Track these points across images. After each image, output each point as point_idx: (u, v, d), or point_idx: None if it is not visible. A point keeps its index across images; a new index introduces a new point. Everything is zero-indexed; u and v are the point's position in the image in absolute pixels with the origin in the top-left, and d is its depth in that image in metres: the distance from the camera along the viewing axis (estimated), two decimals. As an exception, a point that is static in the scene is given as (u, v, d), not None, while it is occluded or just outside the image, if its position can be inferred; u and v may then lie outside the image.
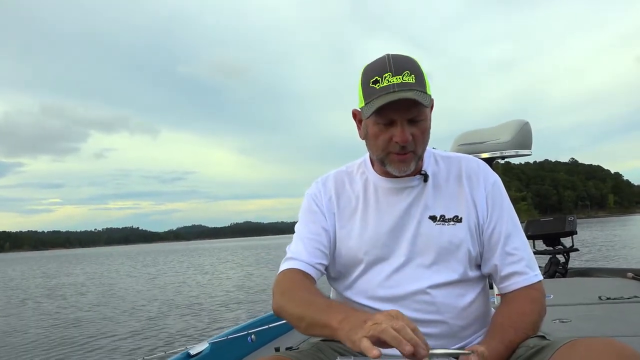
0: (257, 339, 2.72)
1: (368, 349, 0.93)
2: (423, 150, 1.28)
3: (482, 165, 1.37)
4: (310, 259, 1.31)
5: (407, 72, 1.19)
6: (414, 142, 1.23)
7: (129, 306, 12.21)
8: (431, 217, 1.29)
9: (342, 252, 1.33)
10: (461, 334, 1.27)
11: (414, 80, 1.19)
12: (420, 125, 1.23)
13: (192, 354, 2.37)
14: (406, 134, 1.21)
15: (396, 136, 1.21)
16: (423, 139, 1.25)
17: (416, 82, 1.19)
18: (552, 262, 5.06)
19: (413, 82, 1.19)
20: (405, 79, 1.19)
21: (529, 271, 1.27)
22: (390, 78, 1.19)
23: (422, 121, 1.23)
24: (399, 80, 1.19)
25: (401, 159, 1.24)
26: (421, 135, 1.24)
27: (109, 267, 34.51)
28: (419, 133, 1.23)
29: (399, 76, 1.19)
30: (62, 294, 16.94)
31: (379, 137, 1.25)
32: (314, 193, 1.42)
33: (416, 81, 1.19)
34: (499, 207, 1.31)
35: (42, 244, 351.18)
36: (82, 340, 8.12)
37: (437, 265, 1.26)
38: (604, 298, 3.10)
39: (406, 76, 1.19)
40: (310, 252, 1.32)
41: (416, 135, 1.23)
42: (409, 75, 1.19)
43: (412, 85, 1.18)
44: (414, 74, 1.20)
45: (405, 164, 1.25)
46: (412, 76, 1.19)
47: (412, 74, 1.20)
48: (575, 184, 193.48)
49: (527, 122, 3.25)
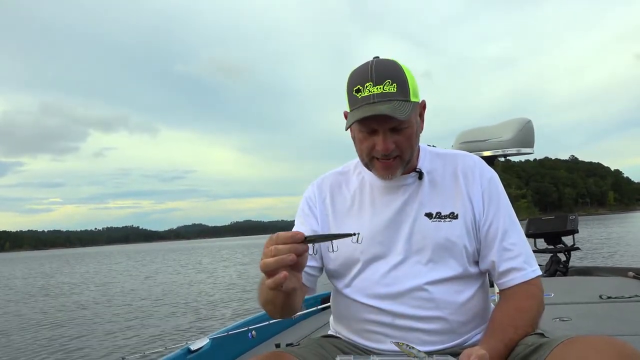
0: (257, 335, 2.73)
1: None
2: (410, 154, 1.28)
3: (478, 161, 1.37)
4: None
5: (389, 82, 1.20)
6: (399, 149, 1.24)
7: (130, 303, 12.24)
8: (427, 214, 1.30)
9: (340, 252, 1.34)
10: (460, 330, 1.27)
11: (395, 89, 1.19)
12: (404, 132, 1.23)
13: (192, 349, 2.38)
14: (387, 144, 1.22)
15: (378, 145, 1.22)
16: (409, 144, 1.25)
17: (397, 91, 1.19)
18: (553, 261, 5.06)
19: (394, 92, 1.19)
20: (385, 89, 1.19)
21: (526, 267, 1.27)
22: (371, 88, 1.19)
23: (406, 129, 1.23)
24: (379, 90, 1.19)
25: (385, 165, 1.26)
26: (406, 142, 1.24)
27: (108, 266, 34.55)
28: (403, 140, 1.24)
29: (380, 85, 1.19)
30: (62, 292, 16.96)
31: (362, 144, 1.26)
32: (309, 196, 1.44)
33: (397, 90, 1.19)
34: (496, 203, 1.31)
35: (42, 243, 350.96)
36: (82, 337, 8.13)
37: (434, 262, 1.27)
38: (604, 297, 3.10)
39: (387, 85, 1.19)
40: None
41: (400, 142, 1.23)
42: (390, 84, 1.19)
43: (393, 95, 1.19)
44: (396, 82, 1.20)
45: (390, 171, 1.26)
46: (394, 85, 1.19)
47: (393, 83, 1.20)
48: (575, 181, 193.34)
49: (530, 120, 3.24)
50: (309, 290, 1.39)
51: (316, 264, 1.37)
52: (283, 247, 1.02)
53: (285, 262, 1.00)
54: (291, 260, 1.00)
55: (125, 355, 2.70)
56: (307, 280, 1.36)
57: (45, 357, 7.06)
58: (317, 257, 1.37)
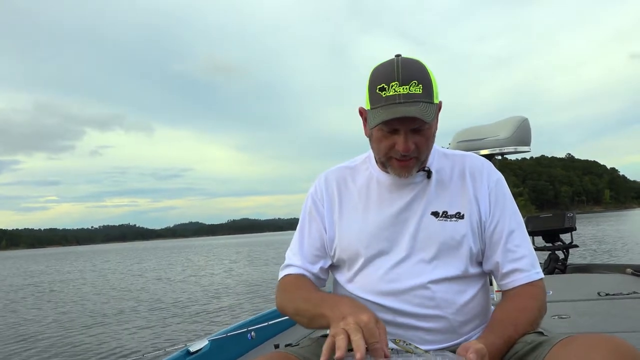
0: (256, 336, 2.73)
1: (325, 349, 1.02)
2: (427, 155, 1.28)
3: (486, 163, 1.37)
4: (307, 265, 1.36)
5: (415, 82, 1.16)
6: (418, 149, 1.23)
7: (128, 303, 12.19)
8: (433, 212, 1.29)
9: (344, 246, 1.34)
10: (461, 330, 1.27)
11: (420, 90, 1.17)
12: (425, 133, 1.22)
13: (191, 351, 2.36)
14: (409, 144, 1.20)
15: (399, 145, 1.21)
16: (427, 145, 1.25)
17: (423, 93, 1.17)
18: (552, 259, 5.06)
19: (420, 93, 1.16)
20: (412, 90, 1.16)
21: (530, 268, 1.27)
22: (397, 87, 1.16)
23: (427, 129, 1.22)
24: (405, 90, 1.16)
25: (402, 165, 1.25)
26: (425, 143, 1.24)
27: (107, 265, 34.42)
28: (422, 140, 1.23)
29: (406, 86, 1.16)
30: (61, 290, 16.90)
31: (381, 142, 1.24)
32: (314, 191, 1.43)
33: (423, 91, 1.17)
34: (502, 205, 1.31)
35: (38, 241, 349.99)
36: (81, 338, 8.10)
37: (437, 261, 1.26)
38: (603, 294, 3.10)
39: (413, 86, 1.16)
40: (308, 259, 1.37)
41: (420, 143, 1.22)
42: (417, 85, 1.16)
43: (419, 96, 1.16)
44: (422, 83, 1.17)
45: (407, 170, 1.26)
46: (420, 86, 1.17)
47: (419, 84, 1.17)
48: (571, 179, 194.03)
49: (526, 118, 3.25)
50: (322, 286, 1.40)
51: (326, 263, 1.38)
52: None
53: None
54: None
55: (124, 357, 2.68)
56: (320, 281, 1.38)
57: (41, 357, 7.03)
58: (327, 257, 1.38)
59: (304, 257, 1.37)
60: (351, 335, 1.01)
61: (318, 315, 1.16)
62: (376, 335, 1.02)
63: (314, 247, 1.37)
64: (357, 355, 0.97)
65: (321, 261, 1.37)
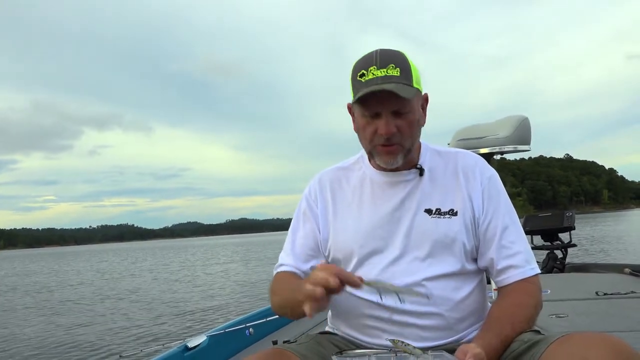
0: (254, 332, 2.74)
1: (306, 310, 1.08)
2: (411, 143, 1.29)
3: (478, 160, 1.37)
4: (299, 264, 1.37)
5: (392, 65, 1.22)
6: (400, 134, 1.25)
7: (126, 301, 12.20)
8: (426, 210, 1.30)
9: (338, 246, 1.34)
10: (457, 327, 1.27)
11: (398, 73, 1.21)
12: (406, 117, 1.24)
13: (189, 346, 2.37)
14: (389, 126, 1.23)
15: (380, 128, 1.23)
16: (410, 131, 1.26)
17: (401, 76, 1.21)
18: (550, 258, 5.06)
19: (397, 75, 1.21)
20: (389, 72, 1.21)
21: (525, 264, 1.27)
22: (375, 71, 1.22)
23: (408, 113, 1.24)
24: (383, 73, 1.21)
25: (387, 150, 1.26)
26: (407, 128, 1.25)
27: (104, 264, 34.42)
28: (404, 125, 1.24)
29: (384, 69, 1.21)
30: (58, 289, 16.90)
31: (366, 130, 1.27)
32: (309, 193, 1.44)
33: (401, 74, 1.21)
34: (495, 201, 1.31)
35: (36, 241, 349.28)
36: (78, 335, 8.10)
37: (432, 258, 1.27)
38: (601, 293, 3.11)
39: (391, 69, 1.21)
40: (300, 258, 1.37)
41: (402, 127, 1.24)
42: (394, 68, 1.21)
43: (396, 78, 1.21)
44: (400, 67, 1.22)
45: (392, 156, 1.27)
46: (397, 69, 1.22)
47: (397, 67, 1.22)
48: (570, 179, 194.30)
49: (527, 117, 3.25)
50: None
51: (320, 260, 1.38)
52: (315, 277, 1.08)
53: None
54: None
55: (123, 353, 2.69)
56: None
57: (40, 355, 7.03)
58: (320, 255, 1.38)
59: (295, 256, 1.38)
60: (314, 276, 1.08)
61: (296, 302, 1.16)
62: (334, 267, 1.10)
63: (307, 246, 1.38)
64: (331, 280, 1.06)
65: (313, 260, 1.37)
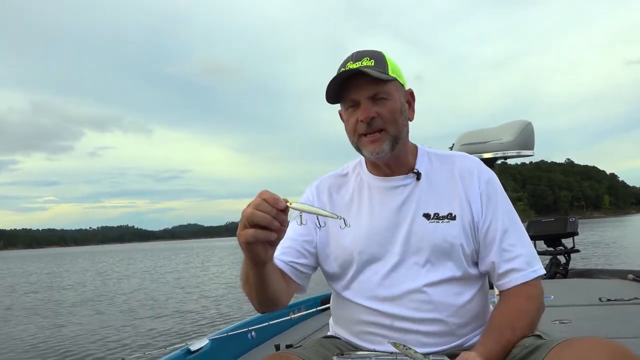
0: (257, 335, 2.74)
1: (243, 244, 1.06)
2: (397, 131, 1.29)
3: (476, 162, 1.37)
4: (281, 256, 1.34)
5: (367, 58, 1.27)
6: (382, 120, 1.26)
7: (130, 303, 12.19)
8: (425, 215, 1.29)
9: (337, 253, 1.34)
10: (459, 332, 1.27)
11: (372, 64, 1.26)
12: (386, 104, 1.26)
13: (192, 350, 2.37)
14: (368, 111, 1.25)
15: (360, 114, 1.26)
16: (392, 117, 1.27)
17: (374, 65, 1.25)
18: (553, 263, 5.06)
19: (371, 65, 1.25)
20: (363, 63, 1.26)
21: (526, 267, 1.26)
22: (350, 65, 1.27)
23: (387, 100, 1.26)
24: (357, 65, 1.26)
25: (371, 139, 1.27)
26: (388, 114, 1.26)
27: (104, 266, 34.40)
28: (385, 111, 1.26)
29: (359, 62, 1.26)
30: (60, 291, 16.89)
31: (349, 122, 1.30)
32: (307, 197, 1.44)
33: (375, 65, 1.25)
34: (494, 204, 1.31)
35: (36, 242, 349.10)
36: (81, 338, 8.08)
37: (431, 264, 1.26)
38: (604, 299, 3.10)
39: (365, 61, 1.26)
40: (284, 251, 1.35)
41: (382, 113, 1.26)
42: (369, 60, 1.27)
43: (370, 67, 1.24)
44: (374, 59, 1.27)
45: (376, 144, 1.27)
46: (372, 61, 1.26)
47: (371, 59, 1.27)
48: (571, 184, 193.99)
49: (530, 122, 3.24)
50: (300, 288, 1.38)
51: (308, 262, 1.36)
52: (270, 210, 1.03)
53: (271, 224, 1.03)
54: (275, 226, 1.03)
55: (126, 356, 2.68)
56: (298, 277, 1.36)
57: (44, 357, 7.01)
58: (311, 255, 1.37)
59: (283, 249, 1.35)
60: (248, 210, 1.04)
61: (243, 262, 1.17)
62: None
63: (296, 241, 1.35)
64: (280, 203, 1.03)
65: (300, 256, 1.35)
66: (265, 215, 1.02)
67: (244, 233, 1.04)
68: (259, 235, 1.03)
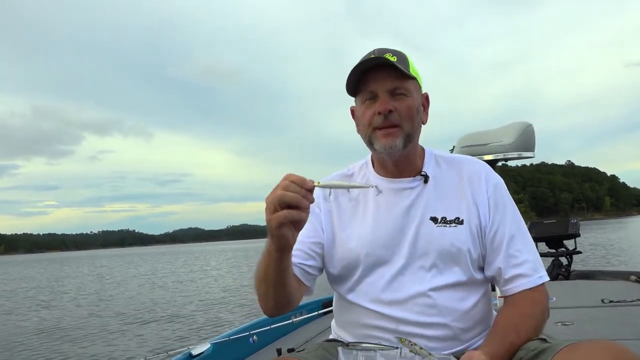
0: (258, 339, 2.73)
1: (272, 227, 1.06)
2: (411, 129, 1.28)
3: (484, 167, 1.36)
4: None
5: (390, 54, 1.25)
6: (398, 116, 1.25)
7: (131, 308, 12.18)
8: (432, 218, 1.28)
9: (343, 254, 1.33)
10: (463, 337, 1.26)
11: (395, 59, 1.24)
12: (405, 100, 1.26)
13: (194, 354, 2.37)
14: (387, 103, 1.24)
15: (377, 106, 1.25)
16: (408, 114, 1.26)
17: (398, 61, 1.24)
18: (555, 265, 5.05)
19: (395, 60, 1.24)
20: (386, 57, 1.24)
21: (532, 273, 1.26)
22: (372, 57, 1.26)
23: (406, 96, 1.26)
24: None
25: (385, 132, 1.26)
26: (405, 110, 1.26)
27: (105, 270, 34.37)
28: (403, 107, 1.25)
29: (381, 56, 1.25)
30: (62, 290, 16.88)
31: (365, 115, 1.28)
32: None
33: (398, 61, 1.24)
34: (502, 209, 1.30)
35: (37, 246, 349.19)
36: (83, 343, 8.08)
37: (438, 268, 1.26)
38: (606, 301, 3.09)
39: (388, 56, 1.24)
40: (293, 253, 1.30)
41: (400, 109, 1.25)
42: (391, 56, 1.25)
43: (393, 62, 1.23)
44: (397, 56, 1.25)
45: (391, 138, 1.26)
46: (394, 57, 1.24)
47: (394, 56, 1.25)
48: (571, 186, 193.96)
49: (531, 124, 3.24)
50: (307, 290, 1.37)
51: (316, 264, 1.35)
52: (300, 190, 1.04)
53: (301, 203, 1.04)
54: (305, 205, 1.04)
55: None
56: (306, 279, 1.34)
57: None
58: (318, 257, 1.36)
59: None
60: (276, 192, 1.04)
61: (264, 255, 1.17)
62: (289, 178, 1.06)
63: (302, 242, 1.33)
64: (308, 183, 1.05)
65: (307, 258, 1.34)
66: (296, 194, 1.03)
67: (275, 216, 1.04)
68: (293, 215, 1.03)
